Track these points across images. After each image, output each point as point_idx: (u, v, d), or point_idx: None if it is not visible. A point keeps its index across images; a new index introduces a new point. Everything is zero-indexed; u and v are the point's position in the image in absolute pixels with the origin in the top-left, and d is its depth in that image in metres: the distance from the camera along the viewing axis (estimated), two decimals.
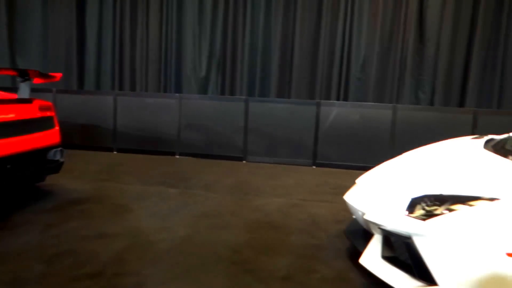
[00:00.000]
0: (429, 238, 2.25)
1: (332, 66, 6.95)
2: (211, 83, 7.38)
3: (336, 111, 6.26)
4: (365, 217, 2.70)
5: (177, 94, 6.84)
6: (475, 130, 5.69)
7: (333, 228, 3.71)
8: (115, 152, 6.82)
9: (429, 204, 2.41)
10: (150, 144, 6.76)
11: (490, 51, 6.60)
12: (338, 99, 6.94)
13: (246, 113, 6.48)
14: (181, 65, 7.46)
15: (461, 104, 6.71)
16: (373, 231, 2.70)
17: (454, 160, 2.99)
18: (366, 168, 3.55)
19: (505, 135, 3.46)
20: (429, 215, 2.33)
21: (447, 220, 2.24)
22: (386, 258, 2.61)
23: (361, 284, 2.73)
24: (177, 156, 6.63)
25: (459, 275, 2.17)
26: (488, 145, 3.26)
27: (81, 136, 6.89)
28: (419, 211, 2.42)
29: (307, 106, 6.38)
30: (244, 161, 6.49)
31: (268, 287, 2.65)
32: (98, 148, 6.85)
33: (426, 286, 2.29)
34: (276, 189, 4.94)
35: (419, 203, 2.45)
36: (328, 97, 7.00)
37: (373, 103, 6.60)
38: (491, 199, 2.19)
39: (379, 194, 2.82)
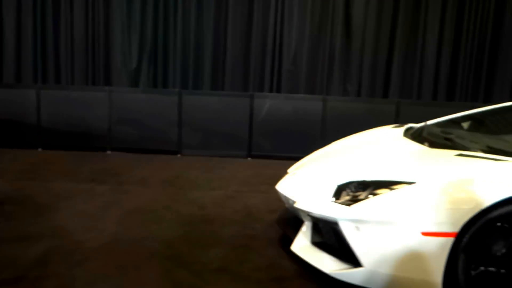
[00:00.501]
0: (353, 222, 2.36)
1: (265, 58, 7.03)
2: (142, 75, 7.16)
3: (269, 103, 6.36)
4: (296, 205, 2.78)
5: (106, 87, 6.56)
6: (398, 119, 6.04)
7: (267, 218, 3.78)
8: (40, 150, 6.41)
9: (354, 190, 2.54)
10: (79, 140, 6.43)
11: (410, 46, 7.02)
12: (271, 91, 7.04)
13: (179, 106, 6.37)
14: (110, 56, 7.15)
15: (385, 95, 7.09)
16: (303, 218, 2.79)
17: (377, 148, 3.17)
18: (299, 158, 3.65)
19: (422, 124, 3.71)
20: (354, 200, 2.46)
21: (370, 204, 2.37)
22: (315, 244, 2.71)
23: (293, 270, 2.82)
24: (109, 152, 6.38)
25: (381, 255, 2.31)
26: (408, 133, 3.48)
27: (0, 134, 6.39)
28: (344, 197, 2.54)
29: (241, 98, 6.41)
30: (178, 155, 6.40)
31: (202, 280, 2.65)
32: (20, 145, 6.39)
33: (351, 268, 2.42)
34: (212, 181, 4.93)
35: (345, 190, 2.57)
36: (261, 89, 7.07)
37: (304, 95, 6.77)
38: (410, 183, 2.35)
39: (308, 183, 2.92)
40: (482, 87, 7.11)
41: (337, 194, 2.58)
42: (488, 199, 2.13)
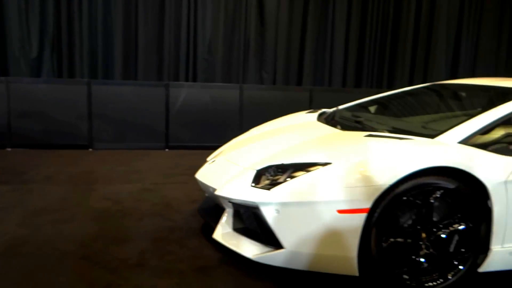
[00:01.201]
0: (274, 205, 2.40)
1: (179, 46, 6.84)
2: (45, 65, 6.56)
3: (185, 92, 6.22)
4: (216, 192, 2.75)
5: (3, 78, 5.93)
6: (311, 105, 6.28)
7: (187, 208, 3.71)
8: None
9: (273, 174, 2.57)
10: None
11: (321, 35, 7.31)
12: (187, 80, 6.90)
13: (89, 97, 5.97)
14: (6, 44, 6.46)
15: (299, 83, 7.32)
16: (225, 206, 2.77)
17: (293, 133, 3.25)
18: (218, 147, 3.62)
19: (334, 108, 3.88)
20: (273, 184, 2.49)
21: (289, 187, 2.42)
22: (237, 230, 2.71)
23: (217, 258, 2.80)
24: (9, 149, 5.80)
25: (301, 235, 2.38)
26: (321, 117, 3.62)
27: None
28: (264, 182, 2.56)
29: (156, 88, 6.19)
30: (90, 149, 6.02)
31: (120, 278, 2.51)
32: None
33: (273, 251, 2.45)
34: (127, 175, 4.71)
35: (264, 174, 2.60)
36: (176, 78, 6.89)
37: (221, 84, 6.74)
38: (325, 164, 2.43)
39: (228, 169, 2.90)
40: (385, 74, 7.65)
41: (257, 179, 2.59)
42: (395, 175, 2.28)
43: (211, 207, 3.10)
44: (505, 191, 2.40)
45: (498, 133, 2.70)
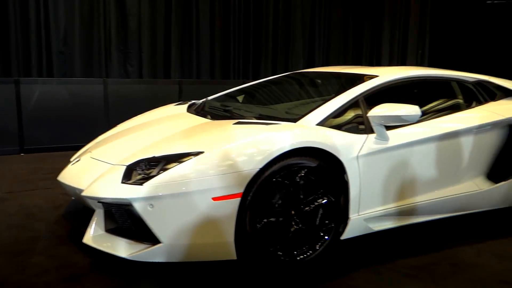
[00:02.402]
0: (147, 200, 2.32)
1: (28, 39, 6.12)
2: None
3: (39, 89, 5.62)
4: (84, 194, 2.56)
5: None
6: (181, 98, 6.22)
7: (51, 215, 3.38)
8: None
9: (145, 168, 2.48)
10: None
11: (186, 26, 7.26)
12: (40, 76, 6.23)
13: None
14: None
15: (167, 75, 7.18)
16: (94, 207, 2.59)
17: (163, 125, 3.18)
18: (83, 147, 3.35)
19: (203, 100, 3.90)
20: (146, 178, 2.41)
21: (162, 179, 2.36)
22: (110, 231, 2.56)
23: (88, 264, 2.61)
24: None
25: (178, 227, 2.35)
26: (191, 109, 3.61)
27: None
28: (136, 177, 2.46)
29: (3, 85, 5.47)
30: None
31: None
32: None
33: (150, 247, 2.38)
34: None
35: (135, 169, 2.50)
36: (28, 74, 6.17)
37: (82, 79, 6.26)
38: (197, 153, 2.44)
39: (95, 168, 2.72)
40: (251, 66, 7.96)
41: (128, 175, 2.48)
42: (263, 159, 2.40)
43: (79, 210, 2.88)
44: (357, 165, 2.70)
45: (349, 115, 3.02)
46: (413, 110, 2.71)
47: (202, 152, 2.43)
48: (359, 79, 3.25)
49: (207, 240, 2.42)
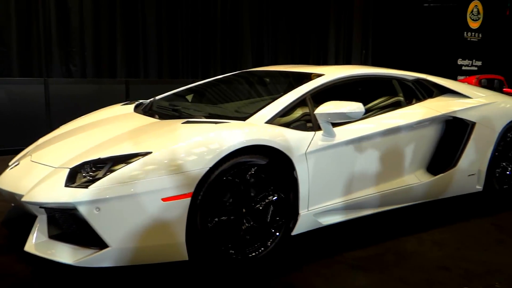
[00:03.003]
0: (93, 203, 2.24)
1: None
2: None
3: None
4: (24, 199, 2.43)
5: None
6: (128, 98, 6.06)
7: None
8: None
9: (90, 171, 2.39)
10: None
11: (132, 23, 7.07)
12: None
13: None
14: None
15: (113, 74, 6.96)
16: (36, 212, 2.47)
17: (109, 126, 3.09)
18: (22, 150, 3.17)
19: (151, 99, 3.83)
20: (91, 181, 2.32)
21: (108, 181, 2.29)
22: (54, 237, 2.45)
23: (30, 273, 2.48)
24: None
25: (127, 230, 2.29)
26: (138, 109, 3.53)
27: None
28: (80, 180, 2.37)
29: None
30: None
31: None
32: None
33: (98, 251, 2.30)
34: None
35: (80, 172, 2.40)
36: None
37: (20, 78, 5.93)
38: (145, 154, 2.38)
39: (35, 172, 2.59)
40: (200, 65, 7.90)
41: (71, 178, 2.38)
42: (213, 157, 2.39)
43: (19, 217, 2.72)
44: (306, 162, 2.76)
45: (297, 113, 3.08)
46: (357, 107, 2.81)
47: (150, 152, 2.38)
48: (306, 77, 3.32)
49: (157, 242, 2.38)
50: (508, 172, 4.09)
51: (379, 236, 3.15)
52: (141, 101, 3.89)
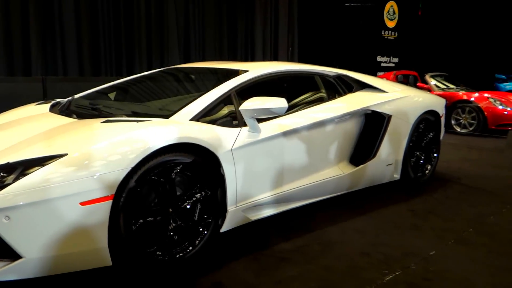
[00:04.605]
0: (2, 212, 2.06)
1: None
2: None
3: None
4: None
5: None
6: (46, 97, 5.68)
7: None
8: None
9: None
10: None
11: (47, 17, 6.63)
12: None
13: None
14: None
15: (27, 72, 6.49)
16: None
17: (21, 127, 2.86)
18: None
19: (69, 98, 3.61)
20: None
21: (20, 186, 2.12)
22: None
23: None
24: None
25: (43, 238, 2.14)
26: (55, 108, 3.32)
27: None
28: None
29: None
30: None
31: None
32: None
33: (10, 263, 2.13)
34: None
35: None
36: None
37: None
38: (61, 156, 2.24)
39: None
40: (124, 62, 7.61)
41: None
42: (135, 157, 2.30)
43: None
44: (232, 158, 2.77)
45: (223, 109, 3.07)
46: (280, 102, 2.86)
47: (66, 154, 2.24)
48: (231, 74, 3.32)
49: (77, 248, 2.25)
50: (421, 161, 4.41)
51: (305, 228, 3.25)
52: (58, 100, 3.66)
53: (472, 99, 8.09)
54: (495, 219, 3.54)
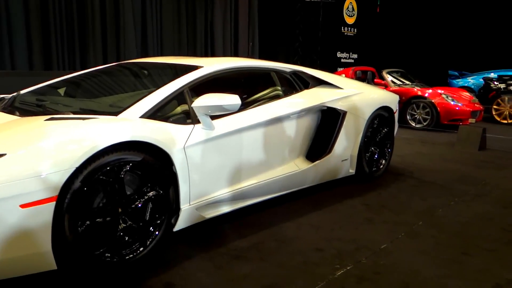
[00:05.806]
0: None
1: None
2: None
3: None
4: None
5: None
6: None
7: None
8: None
9: None
10: None
11: None
12: None
13: None
14: None
15: None
16: None
17: None
18: None
19: (14, 94, 3.43)
20: None
21: None
22: None
23: None
24: None
25: None
26: None
27: None
28: None
29: None
30: None
31: None
32: None
33: None
34: None
35: None
36: None
37: None
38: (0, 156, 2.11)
39: None
40: (78, 56, 7.33)
41: None
42: (80, 157, 2.20)
43: None
44: (185, 156, 2.71)
45: (175, 106, 3.00)
46: (233, 99, 2.83)
47: (4, 154, 2.11)
48: (185, 70, 3.25)
49: (19, 253, 2.13)
50: (376, 156, 4.51)
51: (261, 224, 3.24)
52: (2, 96, 3.47)
53: (426, 95, 8.36)
54: (443, 211, 3.67)
